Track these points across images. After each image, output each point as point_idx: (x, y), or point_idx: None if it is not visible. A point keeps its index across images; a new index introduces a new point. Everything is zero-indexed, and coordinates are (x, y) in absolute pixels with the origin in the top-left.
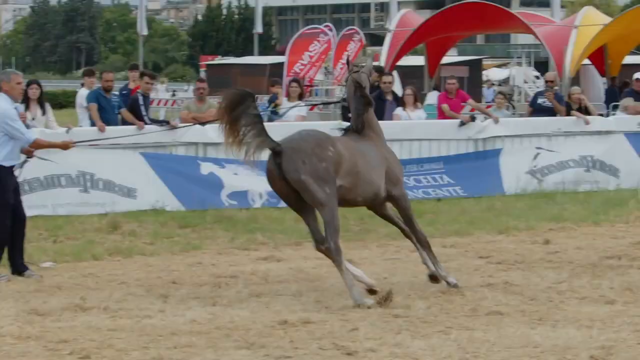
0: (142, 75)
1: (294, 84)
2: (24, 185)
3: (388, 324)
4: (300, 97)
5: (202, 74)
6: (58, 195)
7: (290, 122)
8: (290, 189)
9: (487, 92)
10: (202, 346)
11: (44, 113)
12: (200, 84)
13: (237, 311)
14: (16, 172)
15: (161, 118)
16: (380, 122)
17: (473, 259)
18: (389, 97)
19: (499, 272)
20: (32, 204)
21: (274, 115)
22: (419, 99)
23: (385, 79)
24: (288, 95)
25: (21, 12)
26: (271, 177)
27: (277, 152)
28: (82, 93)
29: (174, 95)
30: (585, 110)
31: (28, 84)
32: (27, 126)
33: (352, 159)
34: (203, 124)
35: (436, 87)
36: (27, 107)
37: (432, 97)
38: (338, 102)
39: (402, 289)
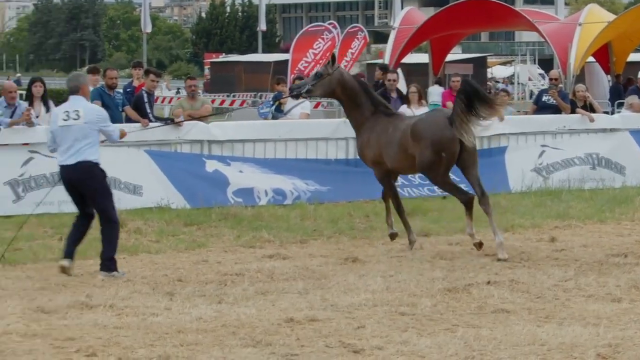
0: (147, 72)
1: (297, 82)
2: (31, 181)
3: (394, 322)
4: None
5: (206, 72)
6: (64, 192)
7: (294, 119)
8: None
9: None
10: (208, 344)
11: (47, 110)
12: (191, 82)
13: (243, 309)
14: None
15: (165, 116)
16: None
17: (479, 257)
18: (394, 95)
19: (504, 269)
20: (39, 201)
21: (279, 113)
22: (423, 96)
23: (390, 76)
24: None
25: (24, 10)
26: (454, 141)
27: None
28: None
29: (178, 92)
30: (590, 108)
31: (32, 82)
32: (32, 124)
33: None
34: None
35: (438, 82)
36: (31, 105)
37: (434, 91)
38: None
39: (408, 287)
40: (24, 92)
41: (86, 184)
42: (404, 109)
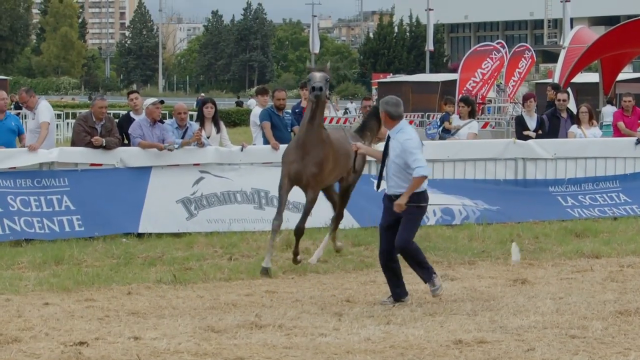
0: None
1: (461, 104)
2: (203, 200)
3: (565, 345)
4: (471, 114)
5: (374, 92)
6: (234, 211)
7: (462, 139)
8: None
9: None
10: None
11: (218, 131)
12: (366, 102)
13: (412, 330)
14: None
15: None
16: (555, 139)
17: None
18: (564, 115)
19: None
20: (211, 218)
21: (446, 134)
22: (594, 116)
23: (560, 96)
24: (459, 114)
25: (195, 31)
26: None
27: None
28: (256, 111)
29: (345, 113)
30: None
31: (203, 103)
32: (203, 144)
33: None
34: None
35: (610, 102)
36: (202, 125)
37: (607, 111)
38: None
39: (579, 309)
40: (194, 113)
41: None
42: (574, 129)
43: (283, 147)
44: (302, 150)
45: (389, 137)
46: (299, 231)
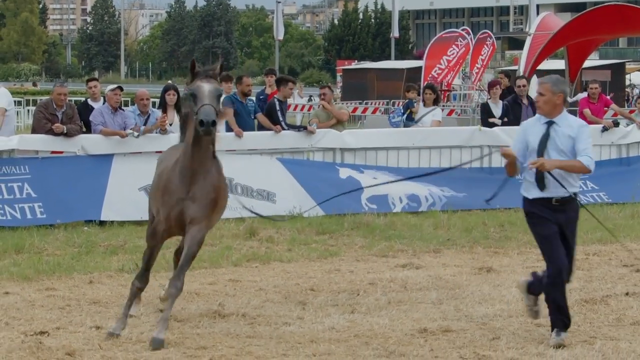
0: (285, 81)
1: (428, 91)
2: None
3: (530, 334)
4: (436, 102)
5: (339, 79)
6: None
7: (426, 127)
8: None
9: None
10: (341, 354)
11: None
12: (322, 90)
13: (376, 319)
14: None
15: (298, 123)
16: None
17: (617, 267)
18: (525, 101)
19: None
20: None
21: (410, 121)
22: None
23: (520, 82)
24: (424, 102)
25: (157, 18)
26: None
27: None
28: None
29: (310, 100)
30: None
31: (165, 90)
32: (166, 131)
33: None
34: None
35: (586, 89)
36: (164, 113)
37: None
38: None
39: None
40: (157, 100)
41: None
42: None
43: (247, 134)
44: (189, 181)
45: (550, 124)
46: (177, 288)
